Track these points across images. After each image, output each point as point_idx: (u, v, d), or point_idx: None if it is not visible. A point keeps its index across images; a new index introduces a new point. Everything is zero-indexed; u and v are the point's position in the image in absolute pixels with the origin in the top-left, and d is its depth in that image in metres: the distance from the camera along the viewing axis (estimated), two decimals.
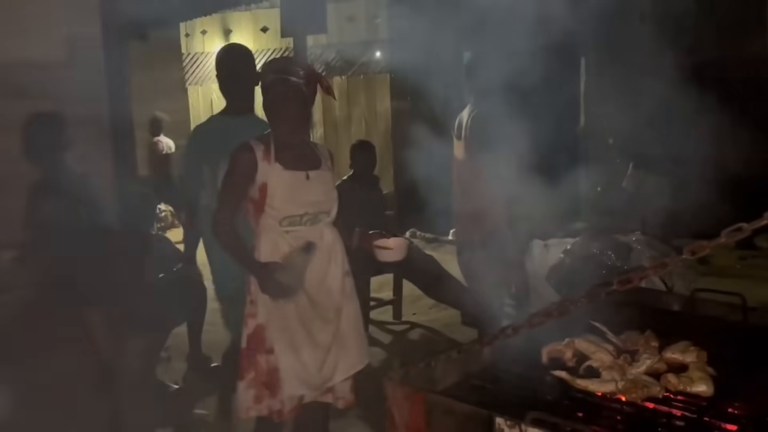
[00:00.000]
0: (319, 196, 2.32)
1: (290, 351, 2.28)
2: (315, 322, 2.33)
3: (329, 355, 2.34)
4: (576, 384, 1.55)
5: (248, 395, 2.30)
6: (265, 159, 2.27)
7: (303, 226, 2.30)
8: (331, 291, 2.36)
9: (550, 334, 1.79)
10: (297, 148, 2.33)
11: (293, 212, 2.28)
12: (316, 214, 2.31)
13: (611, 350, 1.67)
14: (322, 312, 2.34)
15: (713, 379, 1.57)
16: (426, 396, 1.42)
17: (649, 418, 1.45)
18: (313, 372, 2.31)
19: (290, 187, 2.27)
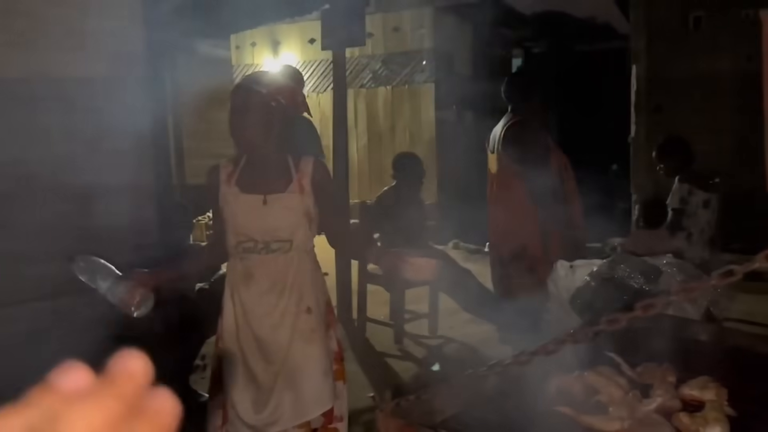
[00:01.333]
0: (275, 223, 2.14)
1: (232, 386, 2.18)
2: (257, 360, 2.17)
3: (272, 398, 2.15)
4: (580, 420, 1.48)
5: (217, 415, 2.25)
6: (226, 181, 2.18)
7: (257, 254, 2.15)
8: (276, 328, 2.16)
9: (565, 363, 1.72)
10: (262, 167, 2.17)
11: (243, 238, 2.15)
12: (268, 242, 2.14)
13: (623, 384, 1.58)
14: (264, 351, 2.17)
15: (731, 419, 1.46)
16: (419, 429, 1.38)
17: None
18: (252, 412, 2.15)
19: (242, 212, 2.15)
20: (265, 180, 2.17)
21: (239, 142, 2.16)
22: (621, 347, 1.80)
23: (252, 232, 2.15)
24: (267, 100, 2.08)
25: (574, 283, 2.57)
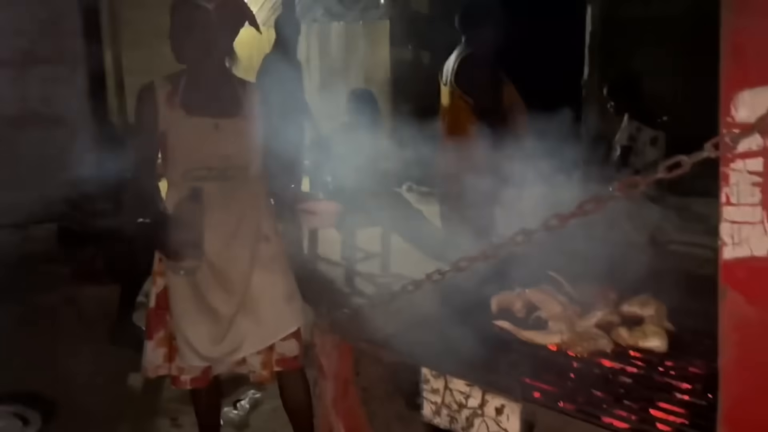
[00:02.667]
0: (229, 149, 2.00)
1: (184, 319, 2.05)
2: (215, 291, 2.05)
3: (232, 328, 2.07)
4: (520, 335, 1.46)
5: (158, 354, 2.12)
6: (167, 102, 1.97)
7: (211, 182, 1.99)
8: (236, 258, 2.06)
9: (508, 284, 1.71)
10: (208, 89, 2.00)
11: (196, 165, 1.98)
12: (224, 169, 2.00)
13: (563, 301, 1.57)
14: (224, 281, 2.06)
15: (670, 334, 1.47)
16: (354, 345, 1.33)
17: (595, 374, 1.36)
18: (209, 344, 2.06)
19: (192, 137, 1.97)
20: (214, 102, 2.01)
21: (183, 60, 1.98)
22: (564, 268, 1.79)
23: (205, 159, 1.98)
24: (211, 13, 1.91)
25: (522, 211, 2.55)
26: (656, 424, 1.17)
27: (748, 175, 0.85)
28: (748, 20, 0.84)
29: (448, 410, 1.18)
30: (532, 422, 1.08)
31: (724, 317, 0.89)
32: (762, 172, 0.85)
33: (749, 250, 0.86)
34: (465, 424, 1.16)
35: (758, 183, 0.85)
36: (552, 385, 1.30)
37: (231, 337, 2.08)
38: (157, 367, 2.14)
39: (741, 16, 0.85)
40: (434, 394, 1.19)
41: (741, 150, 0.85)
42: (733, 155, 0.86)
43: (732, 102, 0.86)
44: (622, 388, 1.30)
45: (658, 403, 1.23)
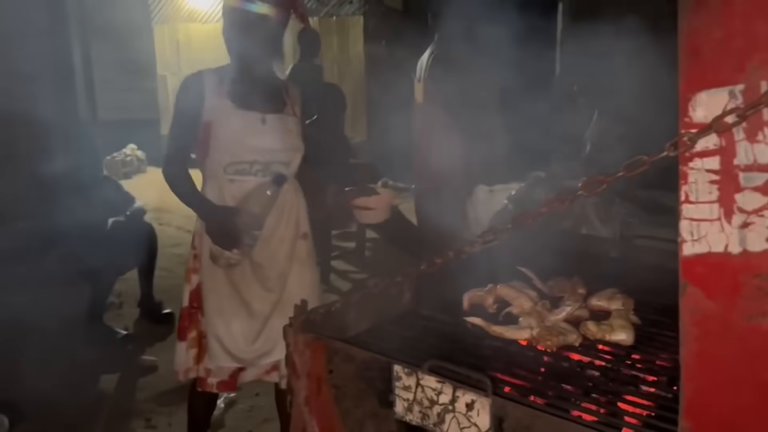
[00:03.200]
0: (274, 144, 2.00)
1: (217, 317, 2.04)
2: (252, 287, 2.05)
3: (266, 327, 2.06)
4: (491, 331, 1.48)
5: (189, 355, 2.09)
6: (215, 93, 1.97)
7: (252, 176, 1.99)
8: (276, 255, 2.06)
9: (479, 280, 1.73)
10: (257, 85, 2.01)
11: (240, 158, 1.97)
12: (268, 163, 2.00)
13: (533, 296, 1.59)
14: (263, 278, 2.06)
15: (636, 327, 1.50)
16: (327, 343, 1.34)
17: (563, 367, 1.39)
18: (243, 344, 2.05)
19: (239, 130, 1.97)
20: (261, 98, 2.01)
21: (238, 59, 1.99)
22: (535, 264, 1.82)
23: (250, 153, 1.97)
24: (269, 14, 1.93)
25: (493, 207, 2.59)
26: (624, 417, 1.20)
27: (705, 173, 0.88)
28: (705, 22, 0.87)
29: (420, 407, 1.19)
30: (503, 417, 1.09)
31: (684, 312, 0.91)
32: (719, 170, 0.87)
33: (708, 246, 0.89)
34: (436, 420, 1.17)
35: (715, 181, 0.88)
36: (522, 379, 1.32)
37: (265, 336, 2.07)
38: (187, 369, 2.10)
39: (697, 17, 0.88)
40: (406, 391, 1.20)
41: (699, 149, 0.88)
42: (691, 154, 0.88)
43: (690, 102, 0.88)
44: (591, 382, 1.33)
45: (626, 396, 1.26)
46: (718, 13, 0.85)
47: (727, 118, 0.84)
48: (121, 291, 4.08)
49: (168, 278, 4.63)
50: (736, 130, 0.85)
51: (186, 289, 2.11)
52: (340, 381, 1.34)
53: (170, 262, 4.98)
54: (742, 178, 0.86)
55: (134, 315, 4.07)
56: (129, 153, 8.20)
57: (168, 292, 4.28)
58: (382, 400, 1.26)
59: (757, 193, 0.85)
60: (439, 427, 1.18)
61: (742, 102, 0.84)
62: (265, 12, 1.91)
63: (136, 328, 3.94)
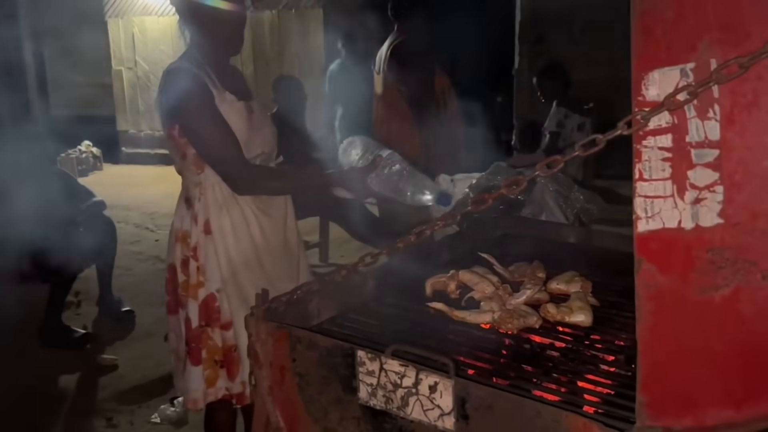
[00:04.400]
0: (266, 134, 1.95)
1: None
2: (277, 284, 1.85)
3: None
4: (453, 315, 1.49)
5: (203, 379, 1.94)
6: (214, 87, 1.84)
7: None
8: (290, 244, 2.02)
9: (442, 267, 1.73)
10: (234, 74, 1.95)
11: (254, 152, 1.88)
12: (269, 153, 1.94)
13: (495, 281, 1.61)
14: (286, 269, 1.99)
15: (594, 309, 1.53)
16: (289, 331, 1.33)
17: (525, 349, 1.40)
18: None
19: (248, 121, 1.87)
20: (242, 87, 1.95)
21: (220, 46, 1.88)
22: (496, 250, 1.84)
23: (260, 145, 1.90)
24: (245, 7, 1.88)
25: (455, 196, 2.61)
26: (584, 396, 1.22)
27: (658, 151, 0.90)
28: (657, 2, 0.88)
29: (384, 391, 1.19)
30: (465, 397, 1.10)
31: (639, 288, 0.93)
32: (671, 147, 0.89)
33: (661, 222, 0.90)
34: (400, 404, 1.18)
35: (668, 158, 0.89)
36: (485, 362, 1.33)
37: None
38: (206, 394, 1.95)
39: None
40: (370, 376, 1.20)
41: (652, 127, 0.90)
42: (644, 132, 0.90)
43: (642, 81, 0.90)
44: (551, 362, 1.35)
45: (586, 375, 1.28)
46: None
47: (678, 96, 0.85)
48: (79, 289, 3.98)
49: (126, 276, 4.55)
50: (688, 107, 0.87)
51: (192, 306, 1.92)
52: (303, 369, 1.33)
53: (129, 260, 4.88)
54: (693, 154, 0.88)
55: (93, 313, 3.98)
56: (84, 150, 7.99)
57: (127, 290, 4.21)
58: (346, 386, 1.26)
59: (708, 169, 0.87)
60: (402, 410, 1.18)
61: (693, 80, 0.86)
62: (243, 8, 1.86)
63: (95, 326, 3.85)
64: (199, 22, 1.87)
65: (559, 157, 1.01)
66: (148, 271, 4.74)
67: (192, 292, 1.93)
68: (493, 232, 2.13)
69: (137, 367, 3.33)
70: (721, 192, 0.87)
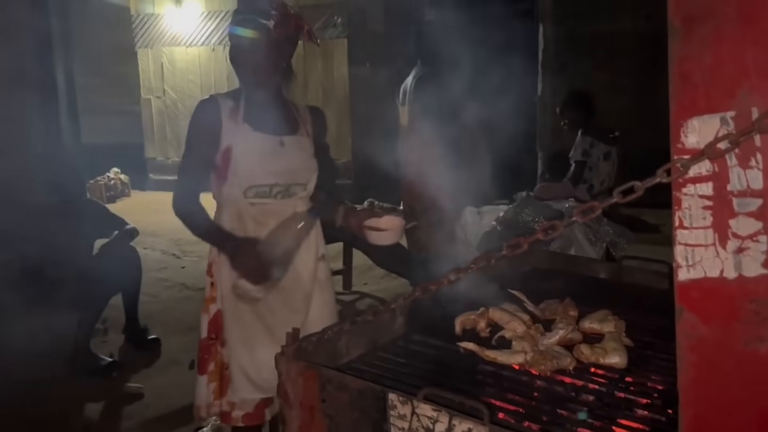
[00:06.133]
0: (293, 165, 1.98)
1: (241, 345, 1.99)
2: (278, 313, 1.99)
3: None
4: (484, 355, 1.47)
5: (210, 390, 2.01)
6: (231, 117, 1.93)
7: (272, 199, 1.97)
8: (300, 277, 2.03)
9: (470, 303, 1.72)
10: (271, 107, 1.99)
11: (261, 182, 1.94)
12: (288, 186, 1.98)
13: (526, 320, 1.59)
14: (288, 300, 2.02)
15: (629, 350, 1.50)
16: (320, 371, 1.32)
17: (558, 392, 1.38)
18: (267, 374, 1.90)
19: (259, 153, 1.94)
20: (276, 120, 1.99)
21: (246, 81, 1.97)
22: (525, 286, 1.82)
23: (272, 175, 1.95)
24: (272, 33, 1.90)
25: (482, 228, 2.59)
26: None
27: (699, 199, 0.88)
28: (695, 49, 0.88)
29: None
30: None
31: (681, 337, 0.91)
32: (712, 195, 0.88)
33: (703, 271, 0.89)
34: None
35: (709, 206, 0.88)
36: (516, 404, 1.31)
37: None
38: (209, 405, 2.02)
39: (688, 45, 0.89)
40: (401, 420, 1.19)
41: (691, 175, 0.88)
42: (684, 180, 0.89)
43: (681, 129, 0.89)
44: (585, 406, 1.32)
45: (620, 420, 1.25)
46: (708, 40, 0.86)
47: (719, 145, 0.84)
48: (106, 317, 4.01)
49: (153, 303, 4.58)
50: (729, 156, 0.86)
51: (204, 319, 2.03)
52: (333, 410, 1.32)
53: (155, 287, 4.92)
54: (735, 203, 0.86)
55: (119, 341, 4.00)
56: (113, 177, 8.13)
57: (153, 317, 4.23)
58: (377, 429, 1.24)
59: (751, 219, 0.86)
60: None
61: (734, 128, 0.85)
62: (263, 25, 1.89)
63: (122, 354, 3.88)
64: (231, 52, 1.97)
65: (596, 203, 0.99)
66: (174, 298, 4.76)
67: (205, 306, 2.05)
68: (521, 267, 2.11)
69: (163, 395, 3.33)
70: (765, 242, 0.85)
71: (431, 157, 3.36)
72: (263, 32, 1.89)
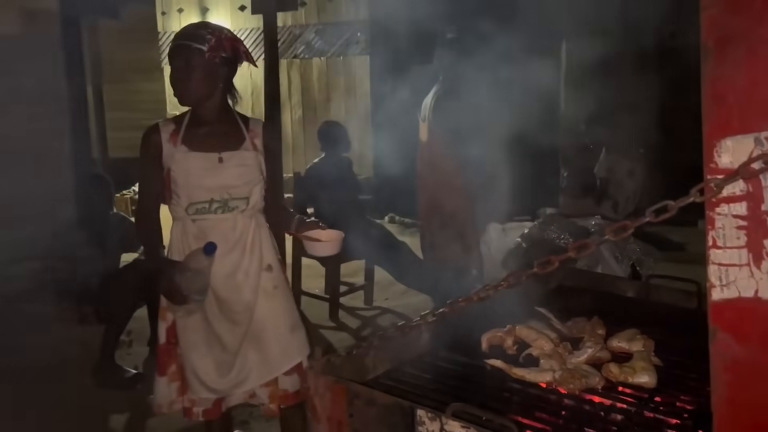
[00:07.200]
0: (232, 181, 2.08)
1: (192, 351, 2.11)
2: (221, 322, 2.12)
3: (238, 359, 2.13)
4: (512, 373, 1.47)
5: (172, 388, 2.17)
6: (170, 141, 2.06)
7: (212, 214, 2.07)
8: (240, 288, 2.12)
9: (496, 320, 1.72)
10: (212, 125, 2.10)
11: (198, 198, 2.06)
12: (226, 201, 2.07)
13: (553, 338, 1.58)
14: (229, 311, 2.12)
15: (658, 369, 1.49)
16: (348, 386, 1.33)
17: (586, 411, 1.37)
18: (217, 376, 2.12)
19: (195, 171, 2.05)
20: (217, 137, 2.10)
21: (184, 100, 2.08)
22: (552, 304, 1.81)
23: (208, 192, 2.06)
24: (210, 56, 2.01)
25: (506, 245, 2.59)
26: None
27: (732, 219, 0.88)
28: (729, 70, 0.88)
29: None
30: None
31: (714, 358, 0.91)
32: (746, 215, 0.88)
33: (737, 291, 0.88)
34: None
35: (743, 226, 0.88)
36: (545, 423, 1.31)
37: (238, 368, 2.14)
38: (171, 402, 2.18)
39: (721, 65, 0.89)
40: None
41: (725, 194, 0.88)
42: (717, 200, 0.89)
43: (715, 149, 0.89)
44: (614, 425, 1.31)
45: None
46: (742, 61, 0.86)
47: (753, 165, 0.84)
48: (130, 329, 4.06)
49: None
50: (763, 175, 0.86)
51: (162, 326, 2.18)
52: (360, 425, 1.32)
53: None
54: None
55: (144, 353, 4.04)
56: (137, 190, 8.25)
57: None
58: None
59: None
60: None
61: None
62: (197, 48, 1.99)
63: (146, 366, 3.91)
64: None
65: (628, 222, 1.00)
66: None
67: (162, 314, 2.18)
68: (548, 284, 2.11)
69: None
70: None
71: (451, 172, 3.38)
72: (197, 56, 2.00)
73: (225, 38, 2.05)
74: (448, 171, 3.39)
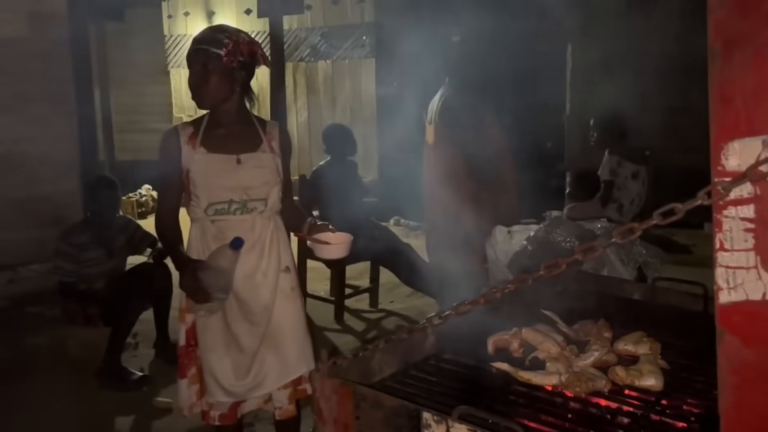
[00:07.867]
0: (251, 182, 2.10)
1: (211, 353, 2.12)
2: (240, 323, 2.12)
3: (255, 361, 2.14)
4: (518, 376, 1.47)
5: (192, 391, 2.18)
6: (189, 143, 2.08)
7: (231, 215, 2.09)
8: (259, 289, 2.14)
9: (502, 323, 1.72)
10: (230, 127, 2.13)
11: (218, 199, 2.08)
12: (245, 201, 2.10)
13: (560, 341, 1.58)
14: (248, 312, 2.13)
15: (665, 372, 1.48)
16: (354, 389, 1.33)
17: (592, 414, 1.37)
18: (234, 379, 2.13)
19: (214, 172, 2.07)
20: (234, 139, 2.13)
21: (202, 104, 2.11)
22: (558, 306, 1.81)
23: (227, 192, 2.08)
24: (227, 60, 2.03)
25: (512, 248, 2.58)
26: None
27: (740, 222, 0.88)
28: (736, 72, 0.88)
29: None
30: None
31: (722, 361, 0.90)
32: (754, 218, 0.88)
33: (744, 294, 0.88)
34: None
35: (751, 229, 0.88)
36: (551, 426, 1.30)
37: (255, 371, 2.15)
38: (191, 405, 2.19)
39: (728, 68, 0.89)
40: None
41: (733, 197, 0.88)
42: (725, 202, 0.89)
43: (722, 151, 0.89)
44: (621, 429, 1.31)
45: None
46: (749, 63, 0.86)
47: (761, 167, 0.84)
48: (136, 331, 4.07)
49: None
50: None
51: (182, 328, 2.18)
52: (367, 428, 1.32)
53: None
54: None
55: (149, 356, 4.05)
56: (144, 193, 8.28)
57: None
58: None
59: None
60: None
61: None
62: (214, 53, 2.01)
63: (152, 369, 3.92)
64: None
65: (635, 225, 1.00)
66: None
67: (181, 316, 2.19)
68: (553, 287, 2.10)
69: None
70: None
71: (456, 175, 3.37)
72: (215, 60, 2.02)
73: (242, 42, 2.07)
74: (455, 173, 3.38)
